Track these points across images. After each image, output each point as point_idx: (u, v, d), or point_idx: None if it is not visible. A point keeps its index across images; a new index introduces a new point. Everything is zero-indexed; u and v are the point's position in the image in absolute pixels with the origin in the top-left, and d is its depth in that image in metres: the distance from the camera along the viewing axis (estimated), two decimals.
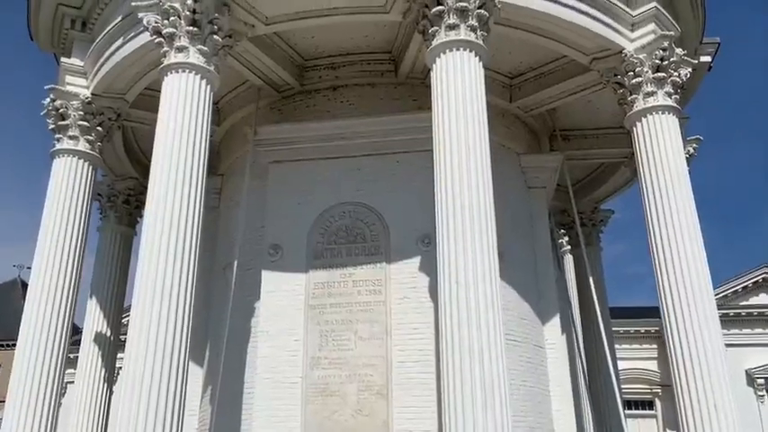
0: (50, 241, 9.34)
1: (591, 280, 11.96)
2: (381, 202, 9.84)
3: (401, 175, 9.91)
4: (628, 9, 9.31)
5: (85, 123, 9.81)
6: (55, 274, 9.22)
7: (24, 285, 29.88)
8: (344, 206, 9.96)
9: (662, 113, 8.87)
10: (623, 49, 9.14)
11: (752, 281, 27.74)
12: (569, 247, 15.47)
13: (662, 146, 8.72)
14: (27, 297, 9.38)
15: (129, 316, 7.18)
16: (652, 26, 9.10)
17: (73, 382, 11.74)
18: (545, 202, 11.60)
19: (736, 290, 27.50)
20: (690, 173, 9.07)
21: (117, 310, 12.31)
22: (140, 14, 8.19)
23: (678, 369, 8.06)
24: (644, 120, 8.94)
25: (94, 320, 11.88)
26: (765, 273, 27.81)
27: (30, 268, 9.89)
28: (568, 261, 15.62)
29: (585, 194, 14.15)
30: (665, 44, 8.89)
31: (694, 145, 11.66)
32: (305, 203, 10.03)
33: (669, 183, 8.60)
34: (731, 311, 26.66)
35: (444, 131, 7.53)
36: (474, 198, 7.19)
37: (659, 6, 9.30)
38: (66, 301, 9.26)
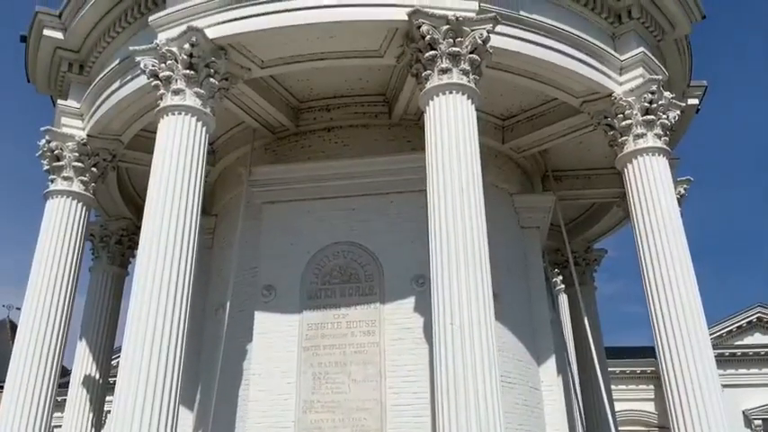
0: (41, 282, 9.27)
1: (586, 320, 11.92)
2: (375, 241, 9.84)
3: (395, 216, 9.95)
4: (616, 54, 9.54)
5: (80, 164, 9.85)
6: (45, 315, 9.13)
7: (13, 326, 29.44)
8: (338, 246, 9.95)
9: (652, 155, 9.01)
10: (612, 92, 9.33)
11: (746, 320, 27.70)
12: (563, 286, 15.47)
13: (653, 187, 8.83)
14: (16, 338, 9.26)
15: (119, 357, 7.07)
16: (640, 70, 9.32)
17: (60, 426, 11.47)
18: (539, 242, 11.63)
19: (731, 329, 27.43)
20: (681, 213, 9.16)
21: (107, 352, 12.14)
22: (138, 58, 8.32)
23: (675, 410, 7.99)
24: (634, 161, 9.07)
25: (83, 362, 11.69)
26: (759, 312, 27.81)
27: (19, 309, 9.79)
28: (563, 300, 15.59)
29: (579, 234, 14.22)
30: (654, 88, 9.09)
31: (685, 186, 11.80)
32: (299, 244, 10.02)
33: (661, 224, 8.68)
34: (727, 351, 26.53)
35: (438, 172, 7.60)
36: (468, 239, 7.21)
37: (647, 51, 9.54)
38: (56, 343, 9.14)
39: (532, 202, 11.54)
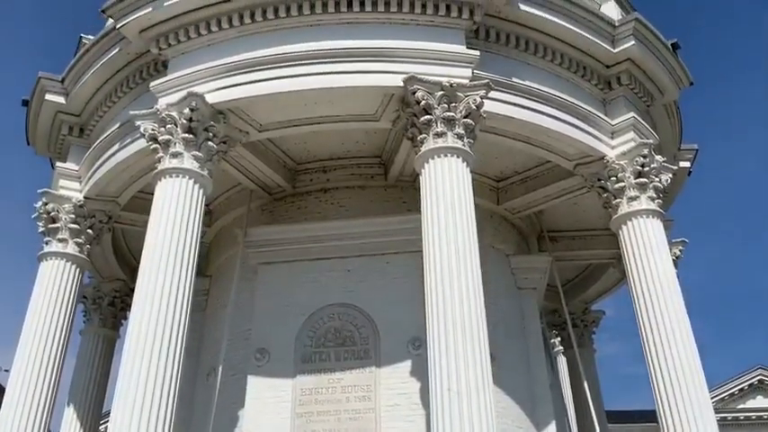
0: (31, 346, 9.15)
1: (586, 384, 11.70)
2: (371, 303, 9.75)
3: (391, 277, 9.89)
4: (607, 118, 9.76)
5: (76, 226, 9.86)
6: (34, 378, 8.99)
7: (1, 389, 28.71)
8: (333, 308, 9.85)
9: (646, 217, 9.08)
10: (605, 155, 9.49)
11: (747, 383, 27.26)
12: (562, 348, 15.25)
13: (648, 249, 8.86)
14: (4, 401, 9.06)
15: (107, 422, 6.87)
16: (631, 134, 9.51)
17: None
18: (536, 304, 11.54)
19: (732, 392, 26.95)
20: (678, 275, 9.17)
21: (95, 417, 11.81)
22: (138, 122, 8.46)
23: None
24: (629, 223, 9.13)
25: (71, 427, 11.35)
26: (761, 374, 27.39)
27: (8, 371, 9.60)
28: (562, 363, 15.34)
29: (576, 295, 14.13)
30: (645, 151, 9.25)
31: (680, 248, 11.84)
32: (293, 305, 9.91)
33: (658, 286, 8.67)
34: (729, 415, 25.95)
35: (434, 234, 7.62)
36: (465, 301, 7.16)
37: (637, 116, 9.77)
38: (44, 407, 8.96)
39: (529, 262, 11.52)
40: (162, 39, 9.04)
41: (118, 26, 9.05)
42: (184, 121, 8.20)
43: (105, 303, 12.53)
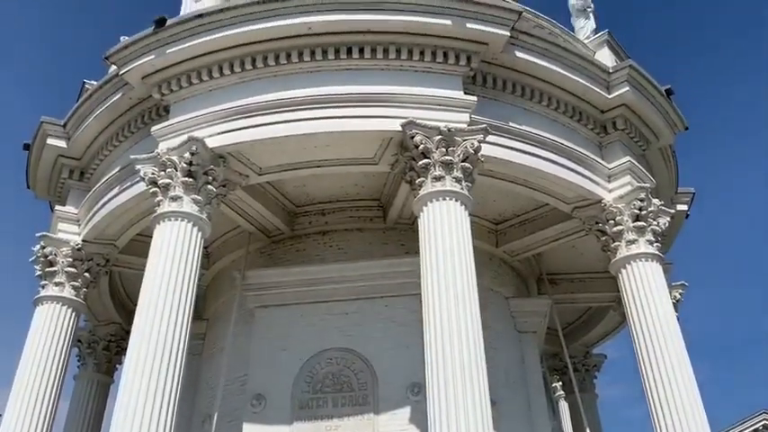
0: (25, 391, 9.04)
1: (588, 429, 11.48)
2: (369, 348, 9.64)
3: (390, 320, 9.81)
4: (603, 162, 9.85)
5: (73, 270, 9.82)
6: (27, 422, 8.91)
7: None
8: (331, 352, 9.72)
9: (645, 261, 9.08)
10: (602, 198, 9.54)
11: (751, 428, 26.70)
12: (563, 393, 15.00)
13: (648, 293, 8.84)
14: None
15: None
16: (628, 178, 9.59)
17: None
18: (536, 347, 11.41)
19: None
20: (678, 318, 9.11)
21: None
22: (138, 166, 8.52)
23: None
24: (628, 267, 9.13)
25: None
26: (764, 419, 26.86)
27: (1, 415, 9.43)
28: (563, 408, 15.06)
29: (577, 338, 14.00)
30: (642, 195, 9.31)
31: (680, 291, 11.80)
32: (290, 350, 9.79)
33: (659, 330, 8.62)
34: None
35: (432, 278, 7.59)
36: (464, 345, 7.09)
37: (633, 160, 9.87)
38: None
39: (528, 306, 11.43)
40: (164, 84, 9.19)
41: (121, 72, 9.21)
42: (184, 165, 8.26)
43: (100, 348, 12.39)
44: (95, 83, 10.24)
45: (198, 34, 8.83)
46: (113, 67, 9.65)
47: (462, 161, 8.30)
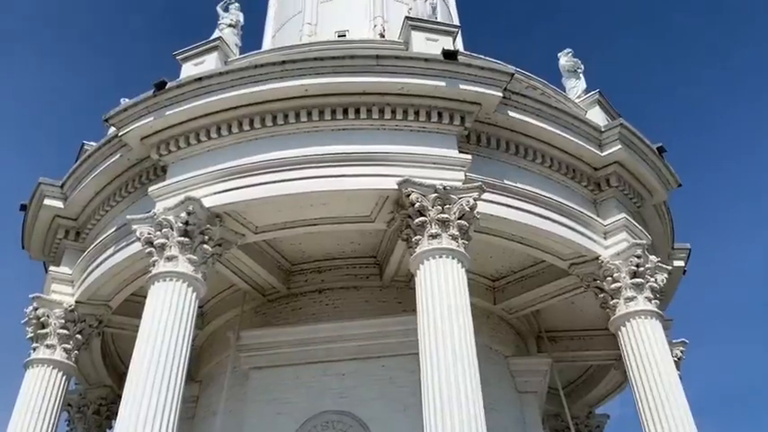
0: None
1: None
2: (366, 410, 9.39)
3: (387, 382, 9.60)
4: (599, 219, 9.89)
5: (65, 331, 9.69)
6: None
7: None
8: (327, 415, 9.47)
9: (645, 318, 9.01)
10: (599, 255, 9.53)
11: None
12: None
13: (649, 351, 8.73)
14: None
15: None
16: (624, 234, 9.61)
17: None
18: (537, 408, 11.15)
19: None
20: (680, 376, 8.96)
21: None
22: (134, 226, 8.52)
23: None
24: (628, 324, 9.05)
25: None
26: None
27: None
28: None
29: (579, 397, 13.68)
30: (639, 252, 9.31)
31: (681, 348, 11.62)
32: (286, 413, 9.53)
33: (661, 388, 8.47)
34: None
35: (430, 338, 7.50)
36: (464, 406, 6.95)
37: (628, 217, 9.92)
38: None
39: (528, 365, 11.23)
40: (162, 145, 9.30)
41: (120, 134, 9.34)
42: (181, 225, 8.27)
43: (90, 412, 12.05)
44: (94, 144, 10.36)
45: (197, 97, 9.01)
46: (112, 129, 9.78)
47: (458, 219, 8.33)
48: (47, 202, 10.52)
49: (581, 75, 11.84)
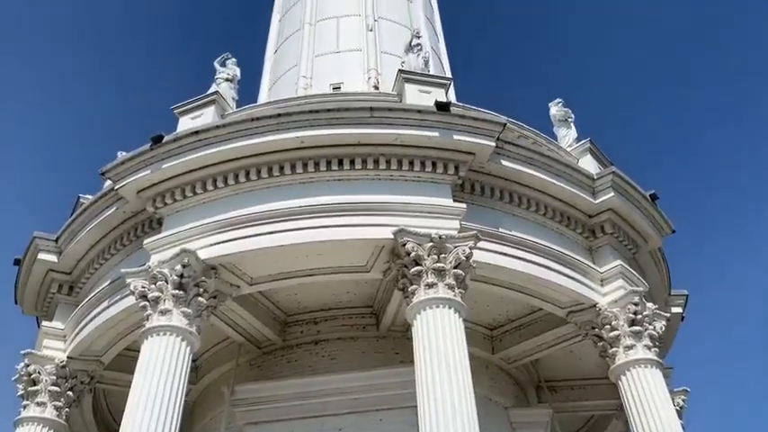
0: None
1: None
2: None
3: None
4: (595, 266, 9.90)
5: (56, 388, 9.50)
6: None
7: None
8: None
9: (645, 367, 8.91)
10: (596, 303, 9.49)
11: None
12: None
13: (650, 401, 8.60)
14: None
15: None
16: (620, 281, 9.59)
17: None
18: None
19: None
20: (683, 425, 8.81)
21: None
22: (128, 280, 8.47)
23: None
24: (628, 374, 8.94)
25: None
26: None
27: None
28: None
29: None
30: (636, 299, 9.29)
31: (683, 397, 11.45)
32: None
33: None
34: None
35: (428, 391, 7.39)
36: None
37: (624, 264, 9.91)
38: None
39: (528, 416, 11.01)
40: (158, 198, 9.33)
41: (116, 187, 9.38)
42: (175, 278, 8.23)
43: None
44: (90, 197, 10.40)
45: (194, 150, 9.10)
46: (109, 182, 9.83)
47: (454, 268, 8.33)
48: (41, 256, 10.46)
49: (571, 124, 12.05)
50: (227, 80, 11.54)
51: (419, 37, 11.98)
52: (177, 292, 8.18)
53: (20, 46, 36.92)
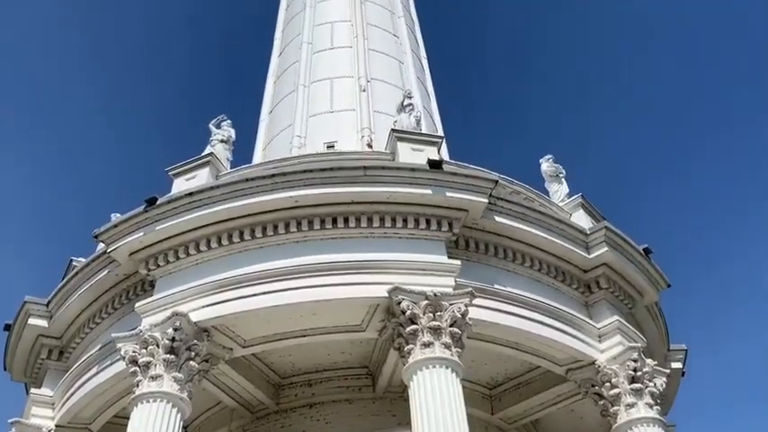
0: None
1: None
2: None
3: None
4: (592, 322, 9.80)
5: None
6: None
7: None
8: None
9: (647, 425, 8.73)
10: (595, 360, 9.35)
11: None
12: None
13: None
14: None
15: None
16: (618, 337, 9.48)
17: None
18: None
19: None
20: None
21: None
22: (119, 344, 8.33)
23: None
24: None
25: None
26: None
27: None
28: None
29: None
30: (635, 355, 9.16)
31: None
32: None
33: None
34: None
35: None
36: None
37: (621, 319, 9.82)
38: None
39: None
40: (151, 260, 9.28)
41: (109, 250, 9.34)
42: (167, 342, 8.09)
43: None
44: (83, 260, 10.34)
45: (188, 211, 9.11)
46: (101, 245, 9.79)
47: (450, 326, 8.23)
48: (31, 321, 10.31)
49: (563, 179, 12.16)
50: (221, 141, 11.69)
51: (411, 97, 12.23)
52: (168, 356, 8.03)
53: (17, 103, 37.44)
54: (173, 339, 8.09)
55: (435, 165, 9.34)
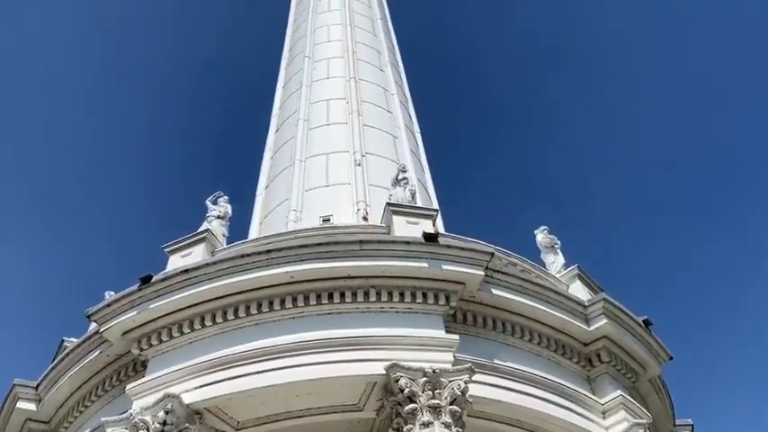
0: None
1: None
2: None
3: None
4: (595, 398, 9.57)
5: None
6: None
7: None
8: None
9: None
10: None
11: None
12: None
13: None
14: None
15: None
16: (623, 413, 9.23)
17: None
18: None
19: None
20: None
21: None
22: (108, 429, 8.08)
23: None
24: None
25: None
26: None
27: None
28: None
29: None
30: None
31: None
32: None
33: None
34: None
35: None
36: None
37: (624, 394, 9.59)
38: None
39: None
40: (144, 339, 9.13)
41: (101, 330, 9.19)
42: (157, 425, 7.84)
43: None
44: (75, 340, 10.16)
45: (183, 288, 9.04)
46: (94, 324, 9.65)
47: (450, 404, 8.01)
48: (20, 405, 10.00)
49: (558, 250, 12.18)
50: (218, 217, 11.75)
51: (405, 171, 12.41)
52: None
53: (14, 189, 37.59)
54: (164, 423, 7.85)
55: (431, 238, 9.37)
